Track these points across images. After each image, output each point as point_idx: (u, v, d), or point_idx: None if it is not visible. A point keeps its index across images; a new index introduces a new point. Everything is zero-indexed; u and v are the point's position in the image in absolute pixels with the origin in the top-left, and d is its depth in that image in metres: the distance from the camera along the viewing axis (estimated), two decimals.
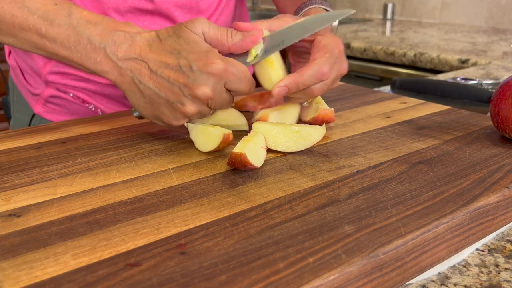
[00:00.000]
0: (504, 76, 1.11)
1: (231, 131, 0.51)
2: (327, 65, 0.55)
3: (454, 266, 0.42)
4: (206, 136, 0.51)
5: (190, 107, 0.49)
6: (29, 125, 0.80)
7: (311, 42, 0.59)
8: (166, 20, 0.74)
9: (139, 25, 0.71)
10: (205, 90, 0.48)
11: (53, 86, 0.75)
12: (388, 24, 2.11)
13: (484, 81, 0.95)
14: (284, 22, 0.57)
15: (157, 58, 0.49)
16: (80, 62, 0.51)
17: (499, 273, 0.40)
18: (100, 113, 0.76)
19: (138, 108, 0.52)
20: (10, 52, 0.82)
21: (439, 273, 0.41)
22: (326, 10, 0.71)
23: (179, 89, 0.49)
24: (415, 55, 1.42)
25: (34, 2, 0.51)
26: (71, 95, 0.75)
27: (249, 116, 0.62)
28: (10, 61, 0.82)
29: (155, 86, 0.49)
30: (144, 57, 0.49)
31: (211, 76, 0.48)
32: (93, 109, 0.76)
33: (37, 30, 0.51)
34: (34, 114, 0.79)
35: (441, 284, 0.39)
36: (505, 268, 0.41)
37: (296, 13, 0.76)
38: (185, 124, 0.54)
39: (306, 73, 0.54)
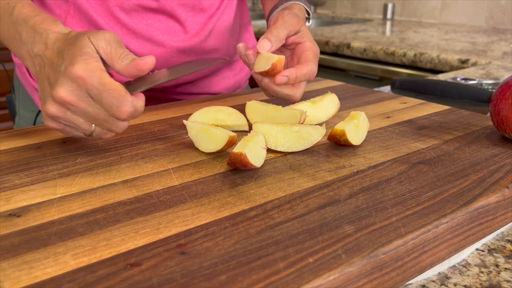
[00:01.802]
0: (504, 76, 1.11)
1: (236, 134, 0.51)
2: (316, 66, 0.63)
3: (454, 266, 0.42)
4: (209, 136, 0.51)
5: (49, 107, 0.48)
6: (35, 122, 0.80)
7: (298, 43, 0.65)
8: (170, 18, 0.74)
9: (144, 23, 0.73)
10: (60, 91, 0.47)
11: None
12: (388, 24, 2.11)
13: (484, 81, 0.95)
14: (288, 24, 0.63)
15: (49, 56, 0.50)
16: (18, 56, 0.54)
17: (499, 273, 0.40)
18: None
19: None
20: None
21: (439, 273, 0.41)
22: (306, 9, 0.73)
23: (47, 85, 0.49)
24: (415, 55, 1.42)
25: None
26: None
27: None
28: (15, 58, 0.82)
29: (39, 82, 0.51)
30: (43, 55, 0.50)
31: (70, 80, 0.47)
32: None
33: None
34: (39, 111, 0.80)
35: (441, 284, 0.39)
36: (505, 268, 0.41)
37: (276, 7, 0.77)
38: (184, 122, 0.54)
39: (304, 70, 0.61)
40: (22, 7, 0.54)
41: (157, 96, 0.79)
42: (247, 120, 0.60)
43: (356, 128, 0.54)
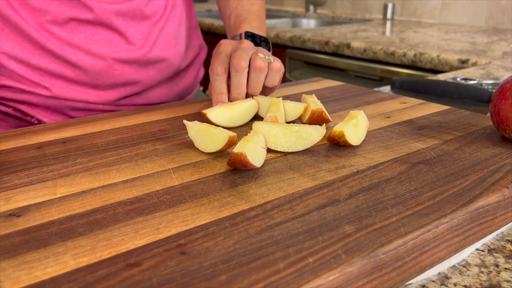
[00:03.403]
0: (504, 76, 1.11)
1: (236, 134, 0.51)
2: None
3: (454, 266, 0.42)
4: (209, 136, 0.51)
5: None
6: None
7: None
8: (109, 30, 0.72)
9: (81, 36, 0.70)
10: None
11: None
12: (388, 24, 2.11)
13: (484, 81, 0.95)
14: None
15: None
16: None
17: (499, 273, 0.40)
18: None
19: None
20: None
21: (439, 273, 0.41)
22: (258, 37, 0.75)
23: None
24: (415, 55, 1.42)
25: None
26: (12, 108, 0.73)
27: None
28: None
29: None
30: None
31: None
32: (35, 121, 0.74)
33: None
34: None
35: (441, 284, 0.39)
36: (505, 268, 0.41)
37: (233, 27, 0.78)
38: (185, 122, 0.54)
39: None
40: None
41: (87, 107, 0.76)
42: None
43: (355, 128, 0.54)
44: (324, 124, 0.54)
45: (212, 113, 0.59)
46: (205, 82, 1.00)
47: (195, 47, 0.88)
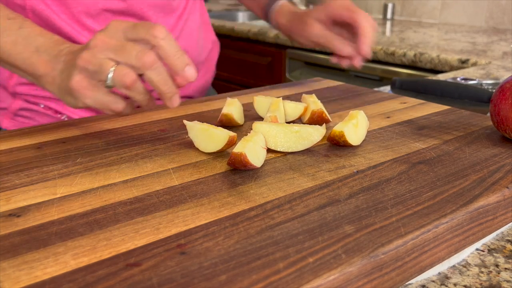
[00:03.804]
0: (504, 76, 1.11)
1: (236, 134, 0.51)
2: (359, 14, 0.72)
3: (454, 266, 0.42)
4: (208, 136, 0.51)
5: (81, 56, 0.49)
6: None
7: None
8: (140, 21, 0.71)
9: None
10: (98, 36, 0.48)
11: (22, 97, 0.73)
12: (388, 24, 2.11)
13: (484, 81, 0.95)
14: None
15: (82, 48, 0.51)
16: (19, 65, 0.55)
17: (499, 273, 0.40)
18: None
19: (66, 100, 0.53)
20: None
21: (439, 273, 0.41)
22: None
23: (80, 49, 0.50)
24: (415, 55, 1.42)
25: None
26: (42, 106, 0.73)
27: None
28: None
29: (72, 60, 0.51)
30: (70, 50, 0.52)
31: (105, 30, 0.49)
32: (65, 119, 0.74)
33: None
34: (0, 129, 0.76)
35: (441, 284, 0.39)
36: (505, 268, 0.41)
37: (266, 11, 0.83)
38: (185, 122, 0.54)
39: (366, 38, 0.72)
40: (32, 25, 0.56)
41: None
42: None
43: (355, 128, 0.54)
44: (324, 124, 0.54)
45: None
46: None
47: (209, 42, 0.90)
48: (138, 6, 0.71)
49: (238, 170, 0.47)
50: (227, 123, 0.60)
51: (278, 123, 0.53)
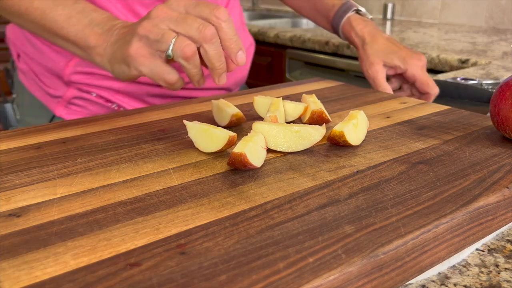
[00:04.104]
0: (504, 76, 1.11)
1: (236, 134, 0.51)
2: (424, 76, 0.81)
3: (454, 266, 0.42)
4: (209, 136, 0.51)
5: (146, 24, 0.50)
6: None
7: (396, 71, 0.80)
8: None
9: None
10: (160, 8, 0.50)
11: (75, 86, 0.76)
12: (388, 24, 2.11)
13: (484, 81, 0.95)
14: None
15: (132, 23, 0.53)
16: (71, 38, 0.56)
17: (499, 273, 0.40)
18: None
19: (117, 72, 0.54)
20: (19, 55, 0.82)
21: (439, 273, 0.41)
22: (358, 12, 0.84)
23: (143, 19, 0.51)
24: None
25: None
26: (94, 94, 0.76)
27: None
28: (21, 64, 0.82)
29: (126, 31, 0.52)
30: (124, 24, 0.53)
31: (166, 4, 0.50)
32: (116, 108, 0.77)
33: (42, 11, 0.56)
34: (53, 117, 0.79)
35: (441, 284, 0.39)
36: (505, 268, 0.41)
37: (335, 29, 0.87)
38: (185, 122, 0.54)
39: (431, 93, 0.80)
40: (86, 1, 0.57)
41: (163, 93, 0.80)
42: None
43: (355, 128, 0.54)
44: (324, 124, 0.54)
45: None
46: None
47: (247, 41, 0.93)
48: None
49: (238, 170, 0.47)
50: (238, 123, 0.60)
51: (278, 123, 0.53)
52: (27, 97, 0.84)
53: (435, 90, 0.79)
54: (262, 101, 0.63)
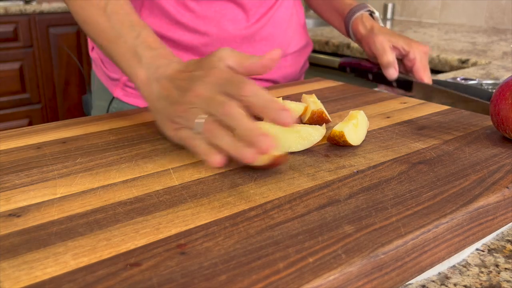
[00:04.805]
0: (504, 76, 1.11)
1: (287, 153, 0.51)
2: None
3: (454, 266, 0.42)
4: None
5: (179, 107, 0.49)
6: (108, 110, 0.87)
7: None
8: (236, 6, 0.80)
9: (212, 10, 0.80)
10: (195, 88, 0.48)
11: None
12: (388, 24, 2.11)
13: (484, 81, 0.95)
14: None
15: (180, 74, 0.53)
16: (126, 73, 0.59)
17: (499, 273, 0.40)
18: None
19: (159, 125, 0.55)
20: (93, 48, 0.92)
21: (439, 273, 0.41)
22: (371, 14, 0.91)
23: (180, 92, 0.50)
24: None
25: (117, 19, 0.60)
26: None
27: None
28: (93, 54, 0.91)
29: (166, 95, 0.52)
30: (169, 77, 0.53)
31: (205, 81, 0.49)
32: None
33: (108, 40, 0.60)
34: (113, 98, 0.86)
35: (441, 284, 0.39)
36: (505, 268, 0.41)
37: (346, 26, 0.92)
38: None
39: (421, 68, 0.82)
40: (148, 34, 0.59)
41: None
42: None
43: (355, 128, 0.54)
44: (324, 124, 0.54)
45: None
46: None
47: (302, 40, 0.96)
48: None
49: (238, 170, 0.47)
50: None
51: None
52: (96, 82, 0.92)
53: (429, 80, 0.82)
54: None
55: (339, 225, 0.37)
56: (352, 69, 0.92)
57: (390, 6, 2.25)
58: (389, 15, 2.26)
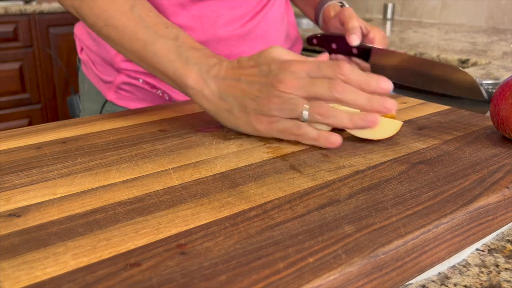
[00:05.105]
0: (504, 76, 1.11)
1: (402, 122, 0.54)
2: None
3: (454, 266, 0.42)
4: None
5: (275, 100, 0.50)
6: (100, 112, 0.86)
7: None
8: (231, 5, 0.79)
9: (209, 9, 0.78)
10: (285, 79, 0.50)
11: (125, 72, 0.81)
12: (388, 24, 2.11)
13: (484, 81, 0.95)
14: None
15: (240, 71, 0.54)
16: (170, 74, 0.58)
17: (499, 273, 0.40)
18: (167, 99, 0.81)
19: (229, 123, 0.56)
20: (82, 49, 0.90)
21: (439, 273, 0.41)
22: (341, 4, 0.89)
23: (261, 85, 0.52)
24: (415, 55, 1.42)
25: (150, 20, 0.60)
26: (141, 81, 0.80)
27: None
28: (82, 56, 0.90)
29: (241, 93, 0.53)
30: (229, 75, 0.54)
31: (289, 71, 0.50)
32: (160, 94, 0.81)
33: (144, 43, 0.58)
34: (106, 101, 0.85)
35: (441, 284, 0.39)
36: (505, 268, 0.41)
37: (317, 12, 0.93)
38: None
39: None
40: (185, 36, 0.59)
41: None
42: None
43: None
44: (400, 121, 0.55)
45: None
46: None
47: (293, 37, 0.97)
48: None
49: (238, 170, 0.47)
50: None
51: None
52: (86, 84, 0.90)
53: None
54: None
55: (339, 225, 0.37)
56: (318, 41, 0.92)
57: (390, 6, 2.25)
58: (389, 15, 2.26)
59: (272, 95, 0.51)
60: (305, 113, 0.51)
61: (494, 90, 0.74)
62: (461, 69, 0.81)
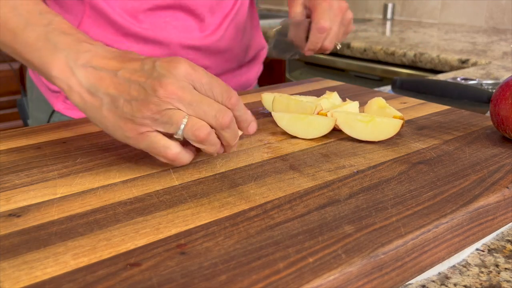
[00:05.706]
0: (504, 76, 1.11)
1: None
2: (324, 20, 0.71)
3: (454, 266, 0.42)
4: (307, 124, 0.56)
5: (151, 106, 0.43)
6: (48, 122, 0.81)
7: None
8: (189, 16, 0.76)
9: (161, 21, 0.74)
10: (169, 84, 0.43)
11: None
12: (388, 24, 2.11)
13: (484, 81, 0.95)
14: None
15: (117, 64, 0.46)
16: (36, 64, 0.49)
17: (499, 273, 0.40)
18: None
19: (97, 122, 0.47)
20: None
21: (439, 273, 0.41)
22: None
23: (139, 86, 0.44)
24: (415, 55, 1.42)
25: (23, 9, 0.51)
26: None
27: None
28: None
29: (115, 89, 0.45)
30: (103, 65, 0.46)
31: (175, 76, 0.43)
32: None
33: (14, 33, 0.50)
34: (53, 111, 0.80)
35: (441, 284, 0.39)
36: (505, 268, 0.41)
37: None
38: (272, 114, 0.56)
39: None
40: (61, 22, 0.51)
41: None
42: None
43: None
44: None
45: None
46: (260, 79, 1.06)
47: (257, 45, 0.94)
48: (190, 2, 0.75)
49: (238, 170, 0.47)
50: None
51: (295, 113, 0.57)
52: (35, 91, 0.85)
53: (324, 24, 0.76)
54: (270, 98, 0.65)
55: (339, 225, 0.37)
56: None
57: (390, 6, 2.25)
58: (389, 15, 2.26)
59: (149, 101, 0.43)
60: (182, 127, 0.44)
61: (494, 90, 0.74)
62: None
